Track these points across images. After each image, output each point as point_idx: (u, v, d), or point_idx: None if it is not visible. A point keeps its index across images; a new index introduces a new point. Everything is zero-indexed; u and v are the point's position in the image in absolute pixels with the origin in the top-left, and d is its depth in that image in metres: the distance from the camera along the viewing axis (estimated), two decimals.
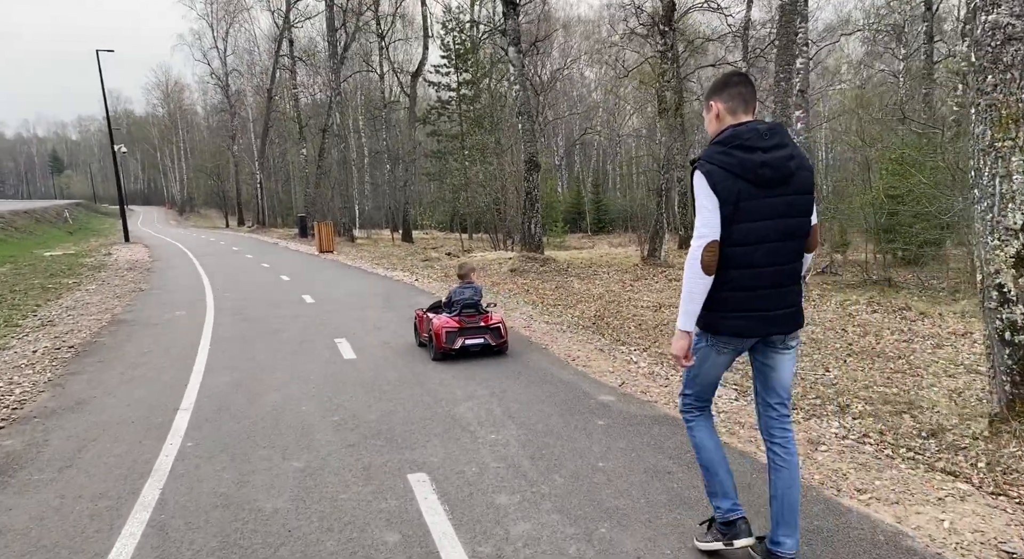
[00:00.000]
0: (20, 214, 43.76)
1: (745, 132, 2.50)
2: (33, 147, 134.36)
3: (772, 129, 2.51)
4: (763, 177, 2.46)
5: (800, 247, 2.58)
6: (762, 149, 2.47)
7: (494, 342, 6.41)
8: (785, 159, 2.49)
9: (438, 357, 6.34)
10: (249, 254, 22.34)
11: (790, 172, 2.49)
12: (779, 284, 2.55)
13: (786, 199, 2.50)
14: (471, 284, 6.73)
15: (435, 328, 6.33)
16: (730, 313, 2.55)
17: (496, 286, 13.47)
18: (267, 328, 8.21)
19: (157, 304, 10.58)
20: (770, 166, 2.47)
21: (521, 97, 16.44)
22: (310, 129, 39.77)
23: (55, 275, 16.12)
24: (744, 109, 2.57)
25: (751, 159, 2.46)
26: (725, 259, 2.50)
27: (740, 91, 2.58)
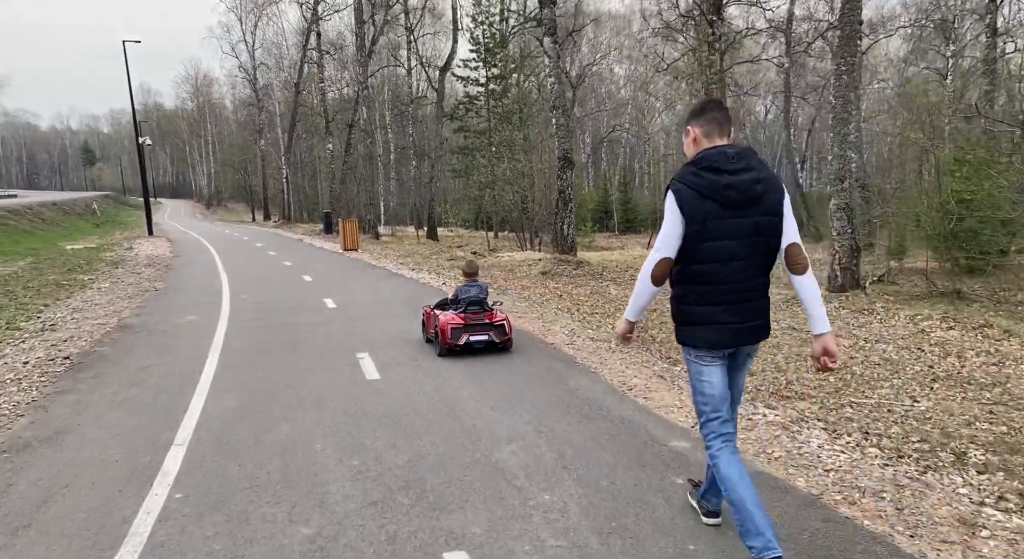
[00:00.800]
0: (49, 206, 43.92)
1: (714, 155, 2.65)
2: (66, 139, 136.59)
3: (740, 153, 2.66)
4: (729, 198, 2.61)
5: (769, 265, 2.73)
6: (728, 171, 2.62)
7: (498, 339, 6.53)
8: (751, 182, 2.63)
9: (443, 353, 6.51)
10: (272, 251, 21.78)
11: (757, 194, 2.63)
12: (746, 299, 2.72)
13: (753, 220, 2.64)
14: (476, 282, 6.88)
15: (441, 324, 6.49)
16: (704, 327, 2.74)
17: (526, 289, 12.64)
18: (283, 338, 7.48)
19: (169, 307, 9.92)
20: (735, 188, 2.61)
21: (556, 90, 15.57)
22: (336, 124, 39.28)
23: (72, 270, 15.65)
24: (719, 133, 2.73)
25: (718, 181, 2.61)
26: (694, 275, 2.70)
27: (715, 116, 2.74)
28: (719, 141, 2.73)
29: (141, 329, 8.07)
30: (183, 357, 6.62)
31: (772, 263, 2.76)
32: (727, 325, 2.73)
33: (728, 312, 2.72)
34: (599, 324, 8.50)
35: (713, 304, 2.71)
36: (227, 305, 9.92)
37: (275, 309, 9.51)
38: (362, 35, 27.83)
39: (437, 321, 6.59)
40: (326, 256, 19.78)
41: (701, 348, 2.79)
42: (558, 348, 6.76)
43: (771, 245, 2.71)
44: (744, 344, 2.80)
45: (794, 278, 2.72)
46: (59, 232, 34.39)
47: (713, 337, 2.75)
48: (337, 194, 34.97)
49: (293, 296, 10.83)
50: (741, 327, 2.74)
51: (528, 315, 8.77)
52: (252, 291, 11.53)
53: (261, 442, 4.31)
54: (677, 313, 2.85)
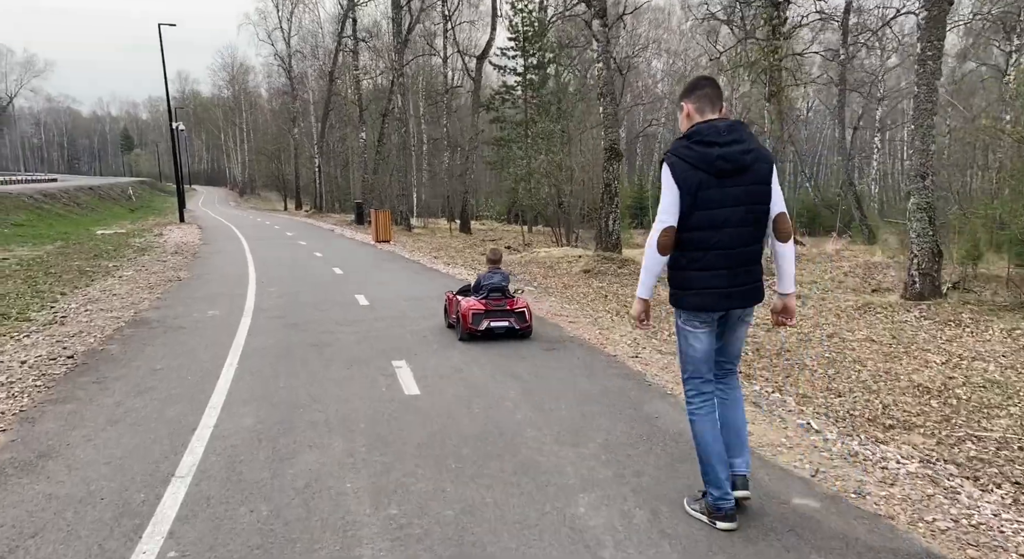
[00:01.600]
0: (85, 190, 44.22)
1: (706, 129, 2.81)
2: (106, 125, 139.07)
3: (731, 126, 2.82)
4: (720, 169, 2.76)
5: (760, 233, 2.87)
6: (719, 144, 2.77)
7: (518, 325, 6.63)
8: (741, 153, 2.78)
9: (464, 337, 6.62)
10: (303, 240, 21.20)
11: (746, 164, 2.78)
12: (739, 264, 2.85)
13: (744, 189, 2.79)
14: (499, 270, 6.97)
15: (463, 310, 6.58)
16: (693, 290, 2.88)
17: (569, 288, 11.77)
18: (311, 339, 6.72)
19: (190, 299, 9.26)
20: (726, 159, 2.76)
21: (604, 76, 14.62)
22: (370, 113, 38.73)
23: (98, 256, 15.19)
24: (711, 109, 2.88)
25: (709, 152, 2.76)
26: (689, 242, 2.83)
27: (707, 92, 2.90)
28: (711, 116, 2.87)
29: (157, 325, 7.38)
30: (199, 360, 5.89)
31: (763, 230, 2.89)
32: (717, 289, 2.85)
33: (719, 277, 2.84)
34: (656, 329, 7.59)
35: (706, 269, 2.84)
36: (252, 299, 9.23)
37: (303, 305, 8.79)
38: (399, 21, 27.10)
39: (459, 307, 6.72)
40: (357, 247, 19.13)
41: (692, 311, 2.92)
42: (622, 362, 5.89)
43: (761, 212, 2.84)
44: (734, 307, 2.91)
45: (777, 244, 2.92)
46: (93, 217, 34.44)
47: (704, 301, 2.87)
48: (369, 184, 34.41)
49: (322, 290, 10.11)
50: (731, 291, 2.86)
51: (580, 320, 7.90)
52: (279, 284, 10.84)
53: (280, 475, 3.53)
54: (671, 278, 2.97)
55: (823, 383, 5.66)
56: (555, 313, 8.26)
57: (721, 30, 45.03)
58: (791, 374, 5.93)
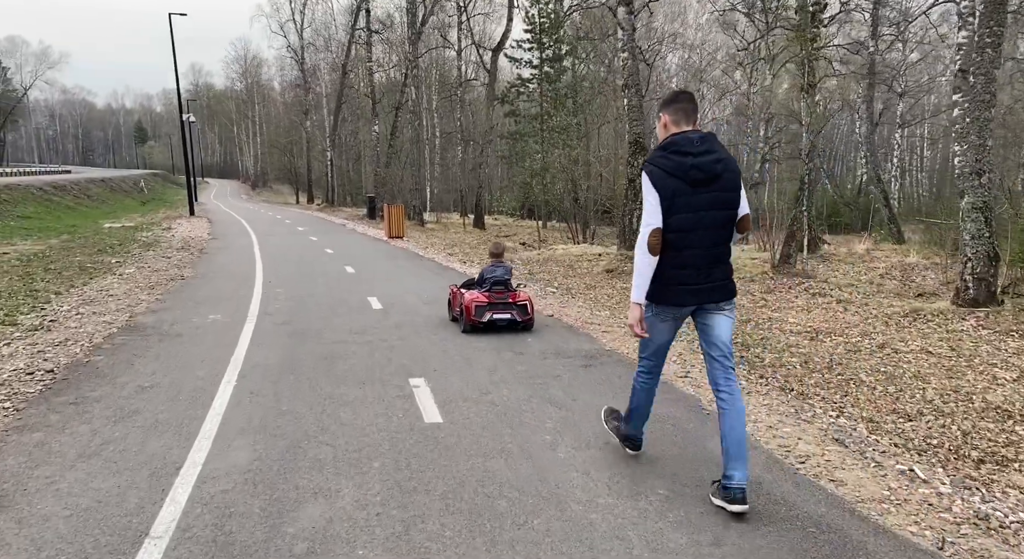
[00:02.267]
0: (97, 183, 43.92)
1: (681, 140, 3.08)
2: (120, 118, 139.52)
3: (703, 138, 3.10)
4: (693, 177, 3.03)
5: (728, 234, 3.15)
6: (693, 154, 3.04)
7: (520, 318, 6.79)
8: (713, 162, 3.04)
9: (467, 329, 6.77)
10: (313, 236, 20.61)
11: (717, 173, 3.05)
12: (709, 264, 3.11)
13: (714, 195, 3.07)
14: (502, 263, 7.13)
15: (466, 302, 6.74)
16: (668, 286, 3.13)
17: (592, 290, 11.08)
18: (319, 350, 6.07)
19: (192, 301, 8.63)
20: (699, 168, 3.03)
21: (629, 66, 13.88)
22: (383, 106, 38.10)
23: (102, 251, 14.64)
24: (686, 121, 3.16)
25: (684, 162, 3.03)
26: (665, 243, 3.08)
27: (683, 106, 3.18)
28: (686, 127, 3.14)
29: (152, 331, 6.75)
30: (194, 376, 5.24)
31: (731, 232, 3.16)
32: (689, 286, 3.10)
33: (691, 275, 3.08)
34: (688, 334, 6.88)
35: (680, 267, 3.08)
36: (257, 301, 8.59)
37: (312, 308, 8.14)
38: (413, 11, 26.41)
39: (463, 299, 6.88)
40: (370, 244, 18.50)
41: (664, 305, 3.17)
42: (670, 383, 5.18)
43: (729, 217, 3.12)
44: (705, 303, 3.14)
45: (737, 236, 3.26)
46: (104, 209, 34.07)
47: (677, 297, 3.13)
48: (382, 178, 33.81)
49: (333, 292, 9.47)
50: (702, 288, 3.10)
51: (614, 329, 7.19)
52: (288, 284, 10.21)
53: (277, 536, 2.86)
54: (655, 279, 3.14)
55: (887, 403, 4.97)
56: (585, 320, 7.57)
57: (739, 23, 44.07)
58: (848, 392, 5.24)
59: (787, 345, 7.00)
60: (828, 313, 9.44)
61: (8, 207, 22.97)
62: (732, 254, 3.24)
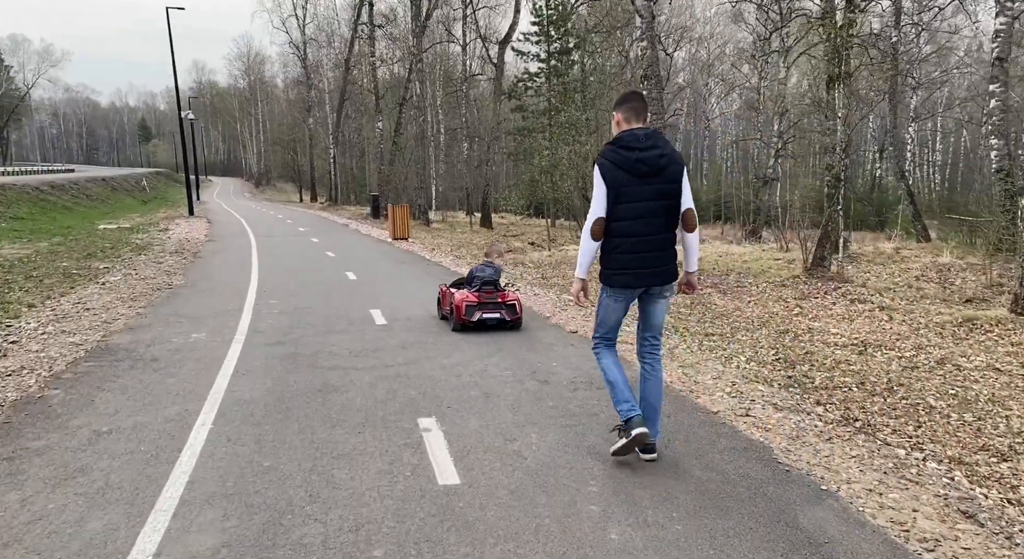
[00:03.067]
0: (97, 182, 43.19)
1: (628, 136, 3.43)
2: (124, 116, 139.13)
3: (649, 135, 3.44)
4: (639, 170, 3.39)
5: (672, 222, 3.49)
6: (639, 149, 3.40)
7: (509, 317, 6.90)
8: (657, 157, 3.40)
9: (457, 328, 6.88)
10: (315, 237, 19.80)
11: (661, 167, 3.41)
12: (654, 250, 3.47)
13: (658, 187, 3.42)
14: (491, 264, 7.18)
15: (456, 302, 6.85)
16: (618, 270, 3.50)
17: None
18: (313, 379, 5.24)
19: (176, 315, 7.81)
20: (643, 162, 3.39)
21: (648, 56, 12.99)
22: (387, 102, 37.27)
23: (91, 255, 13.86)
24: (636, 118, 3.50)
25: (630, 156, 3.39)
26: (614, 231, 3.45)
27: (634, 105, 3.51)
28: (636, 124, 3.49)
29: (124, 356, 5.92)
30: (162, 417, 4.42)
31: (674, 222, 3.52)
32: (636, 270, 3.47)
33: (637, 260, 3.46)
34: (721, 347, 6.02)
35: (627, 253, 3.46)
36: (248, 316, 7.77)
37: (308, 324, 7.31)
38: (417, 3, 25.54)
39: (453, 299, 6.99)
40: (373, 246, 17.67)
41: (615, 286, 3.56)
42: (731, 424, 4.33)
43: (672, 206, 3.48)
44: (650, 285, 3.54)
45: (685, 233, 3.55)
46: (102, 209, 33.35)
47: (625, 280, 3.51)
48: (385, 176, 33.01)
49: (333, 303, 8.65)
50: (647, 271, 3.49)
51: None
52: (283, 294, 9.39)
53: None
54: (601, 260, 3.58)
55: (969, 436, 4.16)
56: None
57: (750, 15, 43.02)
58: (920, 421, 4.44)
59: (835, 361, 6.19)
60: (873, 322, 8.58)
61: (1, 208, 22.23)
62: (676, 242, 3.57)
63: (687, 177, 3.51)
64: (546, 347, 6.31)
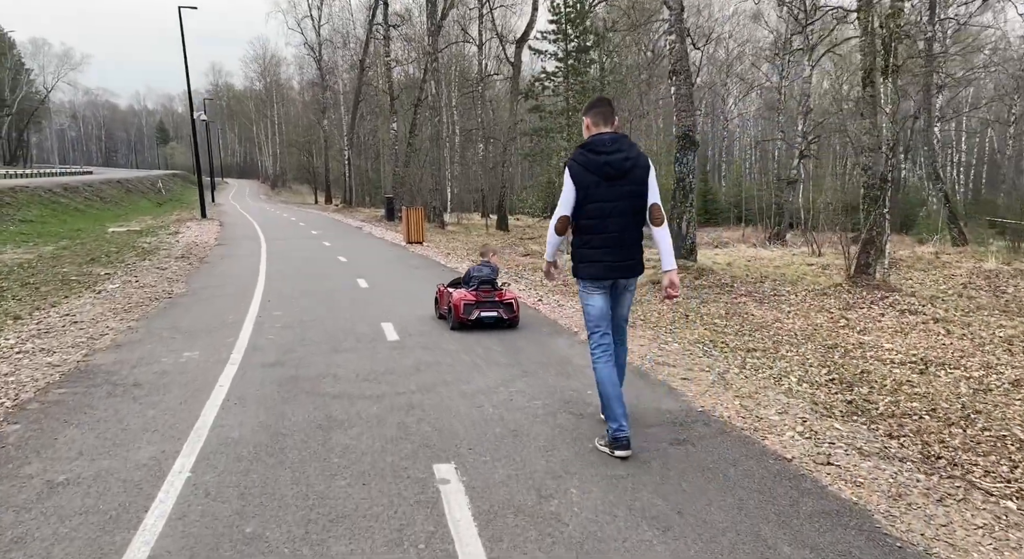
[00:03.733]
0: (112, 184, 43.06)
1: (596, 141, 3.72)
2: (143, 119, 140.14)
3: (615, 139, 3.72)
4: (606, 172, 3.67)
5: (639, 221, 3.78)
6: (606, 153, 3.68)
7: (506, 316, 7.01)
8: (622, 160, 3.67)
9: (455, 326, 6.94)
10: (327, 240, 19.21)
11: (626, 170, 3.68)
12: (621, 245, 3.75)
13: (624, 188, 3.69)
14: (488, 263, 7.30)
15: (454, 301, 6.95)
16: (588, 264, 3.80)
17: (638, 305, 9.53)
18: (313, 412, 4.55)
19: (170, 330, 7.16)
20: (610, 165, 3.67)
21: (677, 50, 12.23)
22: (401, 103, 36.73)
23: (94, 260, 13.33)
24: (604, 123, 3.79)
25: (597, 159, 3.67)
26: (585, 228, 3.76)
27: (602, 111, 3.80)
28: (604, 129, 3.78)
29: (104, 379, 5.27)
30: (132, 462, 3.74)
31: (641, 220, 3.79)
32: (604, 263, 3.75)
33: (606, 254, 3.74)
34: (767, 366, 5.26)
35: (596, 248, 3.76)
36: (249, 329, 7.11)
37: (313, 340, 6.64)
38: (433, 1, 24.92)
39: (451, 298, 7.06)
40: (387, 250, 17.03)
41: (587, 279, 3.83)
42: (813, 476, 3.56)
43: (638, 206, 3.74)
44: (618, 278, 3.83)
45: (653, 228, 3.79)
46: (116, 211, 33.08)
47: (595, 272, 3.79)
48: (400, 178, 32.45)
49: (341, 314, 7.98)
50: (615, 265, 3.77)
51: (695, 373, 5.59)
52: (289, 304, 8.74)
53: None
54: (574, 255, 3.87)
55: None
56: (656, 360, 5.98)
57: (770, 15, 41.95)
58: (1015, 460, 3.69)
59: (896, 382, 5.44)
60: (929, 336, 7.77)
61: (11, 211, 21.88)
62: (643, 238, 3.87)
63: (654, 177, 3.77)
64: (578, 370, 5.59)
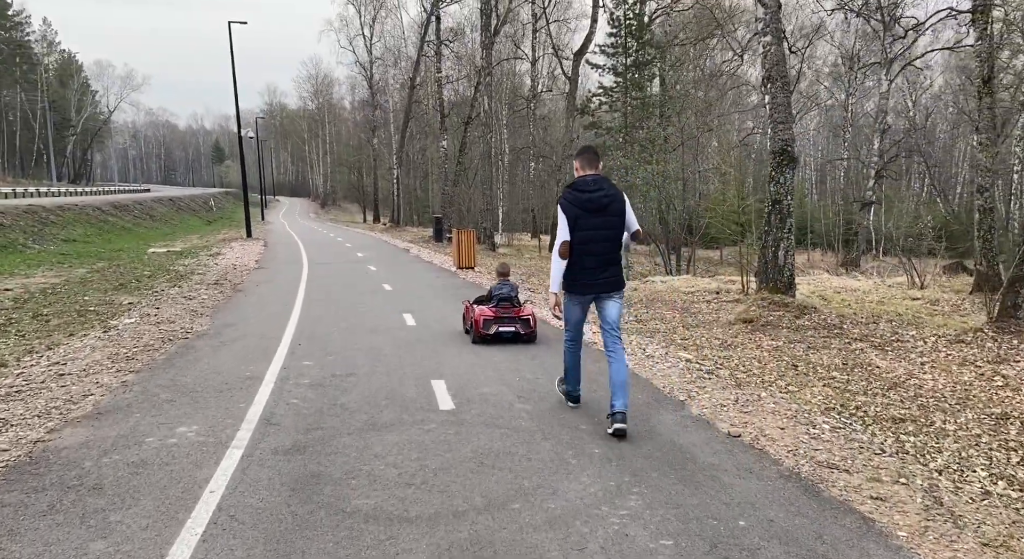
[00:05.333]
0: (164, 202, 43.23)
1: (580, 182, 4.67)
2: (200, 138, 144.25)
3: (596, 180, 4.65)
4: (588, 207, 4.57)
5: (616, 246, 4.69)
6: (588, 191, 4.60)
7: (523, 331, 7.44)
8: (601, 197, 4.58)
9: (476, 341, 7.44)
10: (372, 264, 17.95)
11: (604, 205, 4.58)
12: (602, 267, 4.66)
13: (605, 219, 4.59)
14: (508, 282, 7.80)
15: (475, 317, 7.45)
16: (576, 281, 4.69)
17: (728, 348, 7.86)
18: (339, 552, 3.06)
19: (170, 388, 5.77)
20: (591, 201, 4.57)
21: (773, 53, 10.57)
22: (451, 121, 35.75)
23: (123, 286, 12.27)
24: (589, 166, 4.74)
25: (581, 197, 4.59)
26: (574, 251, 4.61)
27: (588, 156, 4.77)
28: (588, 171, 4.71)
29: (57, 477, 3.83)
30: None
31: (619, 245, 4.70)
32: (588, 281, 4.67)
33: (589, 274, 4.65)
34: (1001, 479, 3.55)
35: (582, 269, 4.65)
36: (268, 391, 5.67)
37: (344, 408, 5.16)
38: (487, 13, 23.77)
39: (473, 314, 7.54)
40: (436, 277, 15.63)
41: (573, 293, 4.76)
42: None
43: (616, 236, 4.65)
44: (599, 293, 4.71)
45: (633, 242, 4.85)
46: (164, 229, 32.82)
47: (581, 288, 4.72)
48: (449, 197, 31.29)
49: (383, 368, 6.50)
50: (596, 282, 4.67)
51: (882, 479, 3.89)
52: (322, 349, 7.33)
53: None
54: (567, 274, 4.69)
55: None
56: (820, 457, 4.26)
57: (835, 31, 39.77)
58: None
59: None
60: None
61: (55, 230, 21.39)
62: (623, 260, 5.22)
63: (630, 208, 4.69)
64: (706, 473, 3.95)
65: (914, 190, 51.67)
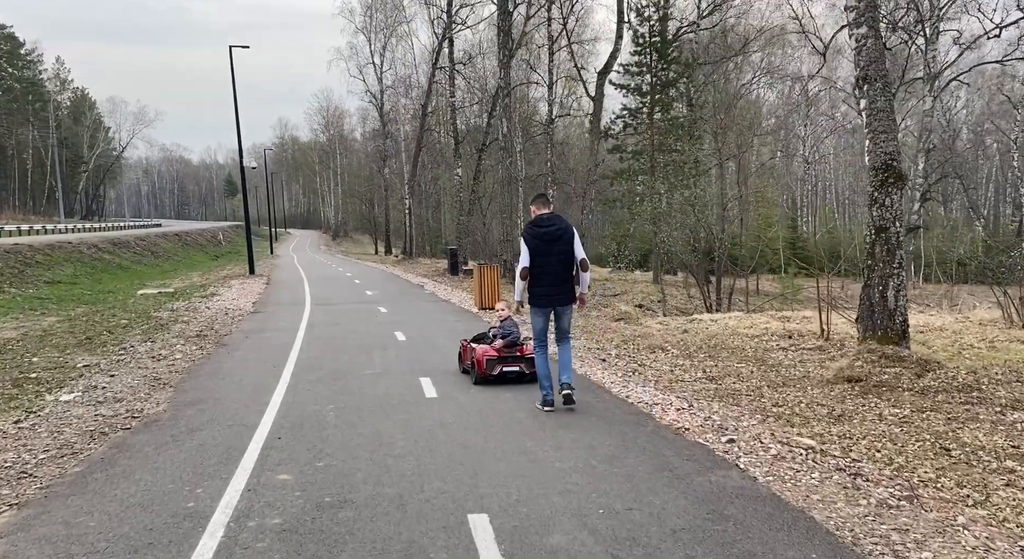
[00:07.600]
0: (168, 237, 41.74)
1: (538, 219, 6.03)
2: (213, 173, 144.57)
3: (550, 218, 6.04)
4: (546, 238, 5.93)
5: (569, 269, 6.00)
6: (544, 227, 5.96)
7: (527, 370, 7.25)
8: (554, 231, 5.94)
9: (479, 381, 7.26)
10: (383, 305, 15.97)
11: (557, 237, 5.93)
12: (556, 285, 5.97)
13: (558, 248, 5.93)
14: (515, 325, 7.59)
15: (478, 356, 7.30)
16: (536, 296, 6.00)
17: (838, 421, 5.73)
18: None
19: (52, 549, 3.75)
20: (548, 234, 5.93)
21: (869, 49, 8.61)
22: (464, 148, 34.13)
23: (90, 340, 10.36)
24: (544, 206, 6.13)
25: (539, 231, 5.95)
26: (534, 274, 5.96)
27: (542, 200, 6.22)
28: (543, 210, 6.08)
29: None
30: None
31: (571, 268, 6.01)
32: (546, 296, 5.98)
33: (546, 290, 5.97)
34: None
35: (541, 286, 5.98)
36: (215, 543, 3.63)
37: (343, 540, 3.10)
38: (505, 30, 22.16)
39: (474, 353, 7.41)
40: (457, 321, 13.58)
41: (536, 306, 6.04)
42: None
43: (567, 260, 5.97)
44: (555, 306, 6.05)
45: (581, 273, 6.05)
46: (164, 267, 31.17)
47: (539, 302, 6.03)
48: (464, 227, 29.42)
49: (394, 487, 4.41)
50: (552, 297, 5.99)
51: None
52: (311, 446, 5.27)
53: None
54: (531, 290, 6.03)
55: None
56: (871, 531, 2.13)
57: None
58: None
59: None
60: None
61: (39, 271, 19.66)
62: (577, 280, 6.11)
63: (578, 239, 6.02)
64: None
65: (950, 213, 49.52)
